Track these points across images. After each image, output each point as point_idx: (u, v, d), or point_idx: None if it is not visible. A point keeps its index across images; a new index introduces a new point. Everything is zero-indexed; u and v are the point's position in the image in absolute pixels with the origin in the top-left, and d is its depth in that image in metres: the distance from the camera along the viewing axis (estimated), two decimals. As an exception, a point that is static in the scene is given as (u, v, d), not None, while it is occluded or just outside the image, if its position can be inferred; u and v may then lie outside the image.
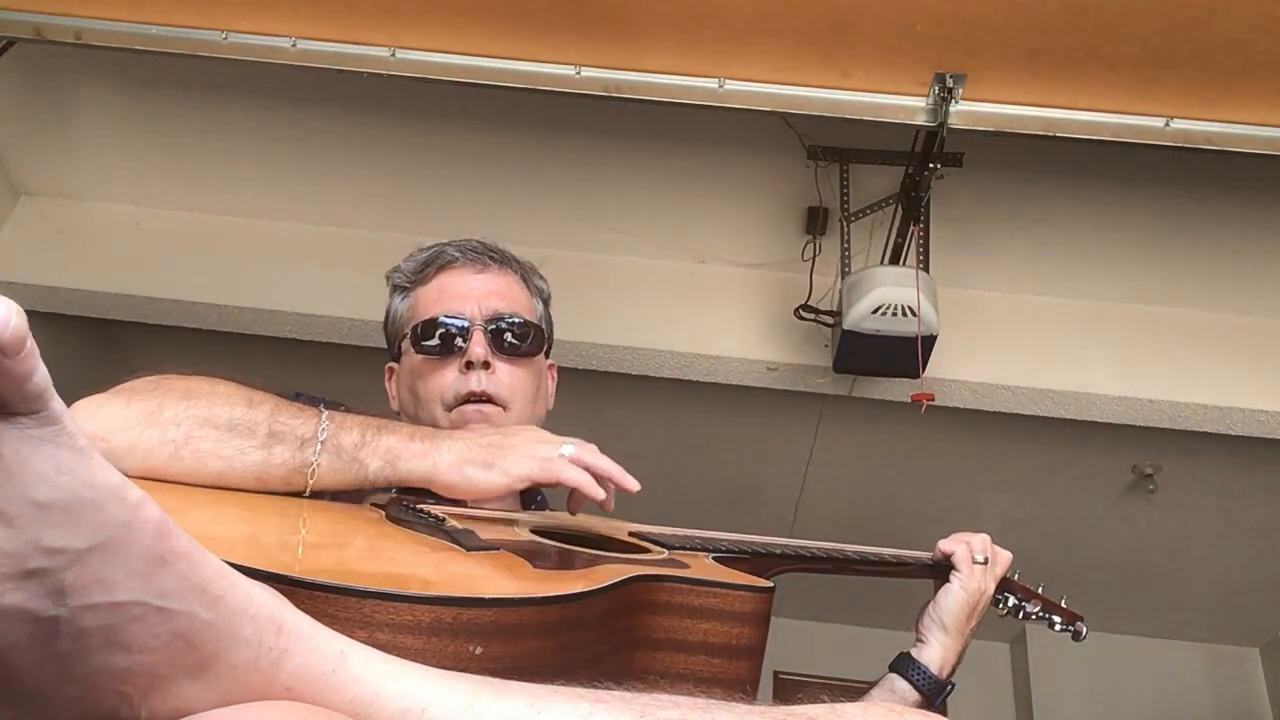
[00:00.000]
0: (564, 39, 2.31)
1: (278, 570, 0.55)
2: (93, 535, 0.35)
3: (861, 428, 3.65)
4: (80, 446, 0.35)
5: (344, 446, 0.90)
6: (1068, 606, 1.33)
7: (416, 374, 1.17)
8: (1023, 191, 2.91)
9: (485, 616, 0.59)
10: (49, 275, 3.15)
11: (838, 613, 4.74)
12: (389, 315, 1.28)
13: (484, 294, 1.19)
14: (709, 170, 2.98)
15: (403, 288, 1.26)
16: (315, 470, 0.88)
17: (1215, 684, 4.59)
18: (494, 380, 1.14)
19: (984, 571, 1.25)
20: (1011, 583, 1.34)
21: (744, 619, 0.79)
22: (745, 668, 0.79)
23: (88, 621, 0.35)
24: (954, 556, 1.24)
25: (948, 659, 1.21)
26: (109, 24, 2.41)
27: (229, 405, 0.88)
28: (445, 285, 1.21)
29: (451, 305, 1.17)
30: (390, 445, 0.92)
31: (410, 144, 3.03)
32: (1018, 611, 1.34)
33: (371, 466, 0.90)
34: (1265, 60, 2.11)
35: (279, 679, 0.42)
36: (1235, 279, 3.00)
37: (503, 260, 1.24)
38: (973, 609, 1.23)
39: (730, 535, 1.10)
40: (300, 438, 0.88)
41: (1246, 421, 2.96)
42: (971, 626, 1.23)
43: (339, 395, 1.09)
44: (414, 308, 1.22)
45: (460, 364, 1.14)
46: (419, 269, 1.24)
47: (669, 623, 0.78)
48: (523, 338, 1.18)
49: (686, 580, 0.79)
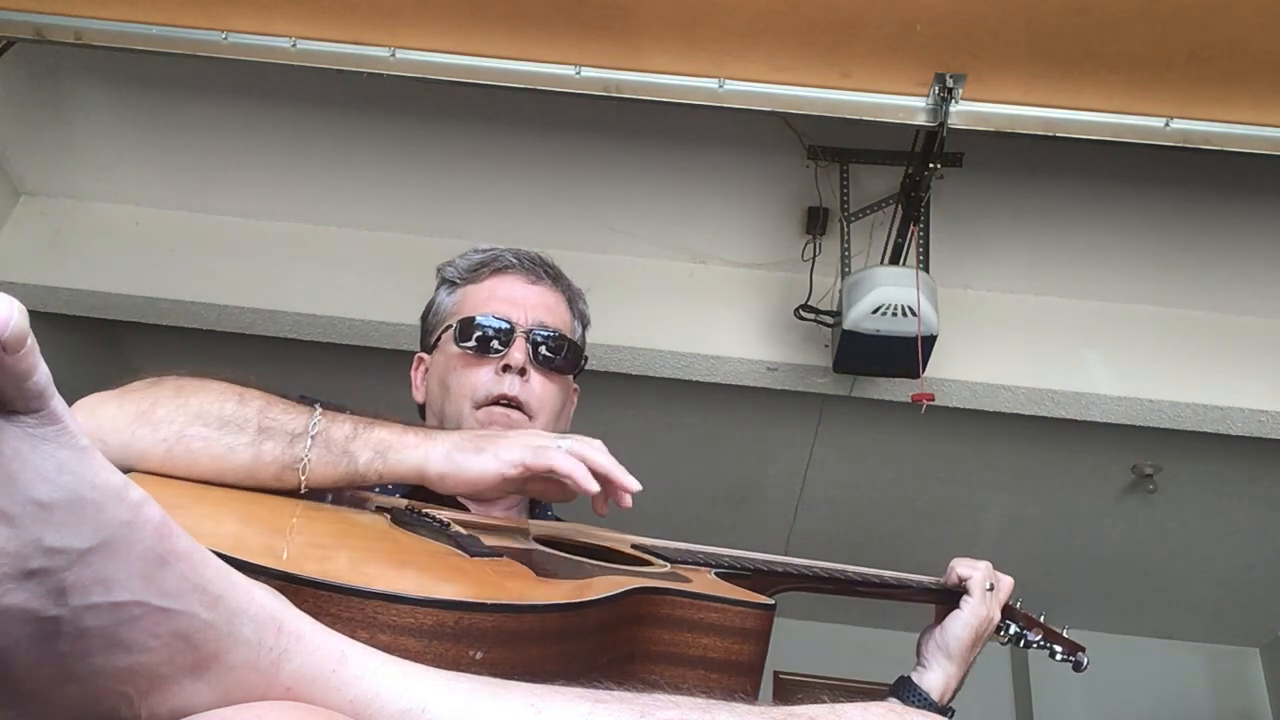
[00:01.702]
0: (564, 39, 2.31)
1: (282, 568, 0.55)
2: (94, 535, 0.35)
3: (861, 428, 3.65)
4: (82, 446, 0.35)
5: (334, 440, 0.89)
6: (1069, 637, 1.33)
7: (452, 368, 1.19)
8: (1023, 191, 2.91)
9: (486, 621, 0.59)
10: (49, 275, 3.15)
11: (838, 613, 4.74)
12: (431, 306, 1.30)
13: (532, 304, 1.22)
14: (709, 170, 2.98)
15: (452, 282, 1.28)
16: (306, 465, 0.87)
17: (1215, 684, 4.58)
18: (527, 388, 1.16)
19: (992, 598, 1.24)
20: (1014, 610, 1.32)
21: (744, 635, 0.79)
22: (744, 684, 0.79)
23: (88, 621, 0.35)
24: (970, 582, 1.22)
25: (949, 685, 1.20)
26: (109, 24, 2.41)
27: (219, 402, 0.87)
28: (497, 288, 1.23)
29: (500, 308, 1.20)
30: (382, 437, 0.91)
31: (410, 144, 3.03)
32: (1019, 640, 1.33)
33: (362, 458, 0.89)
34: (1265, 60, 2.11)
35: (279, 679, 0.42)
36: (1235, 279, 3.00)
37: (555, 278, 1.28)
38: (980, 636, 1.22)
39: (733, 551, 1.10)
40: (290, 433, 0.88)
41: (1246, 421, 2.96)
42: (975, 654, 1.22)
43: (339, 395, 1.09)
44: (461, 304, 1.25)
45: (498, 366, 1.16)
46: (474, 268, 1.26)
47: (669, 636, 0.78)
48: (561, 353, 1.20)
49: (687, 594, 0.79)
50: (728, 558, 1.05)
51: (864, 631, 4.73)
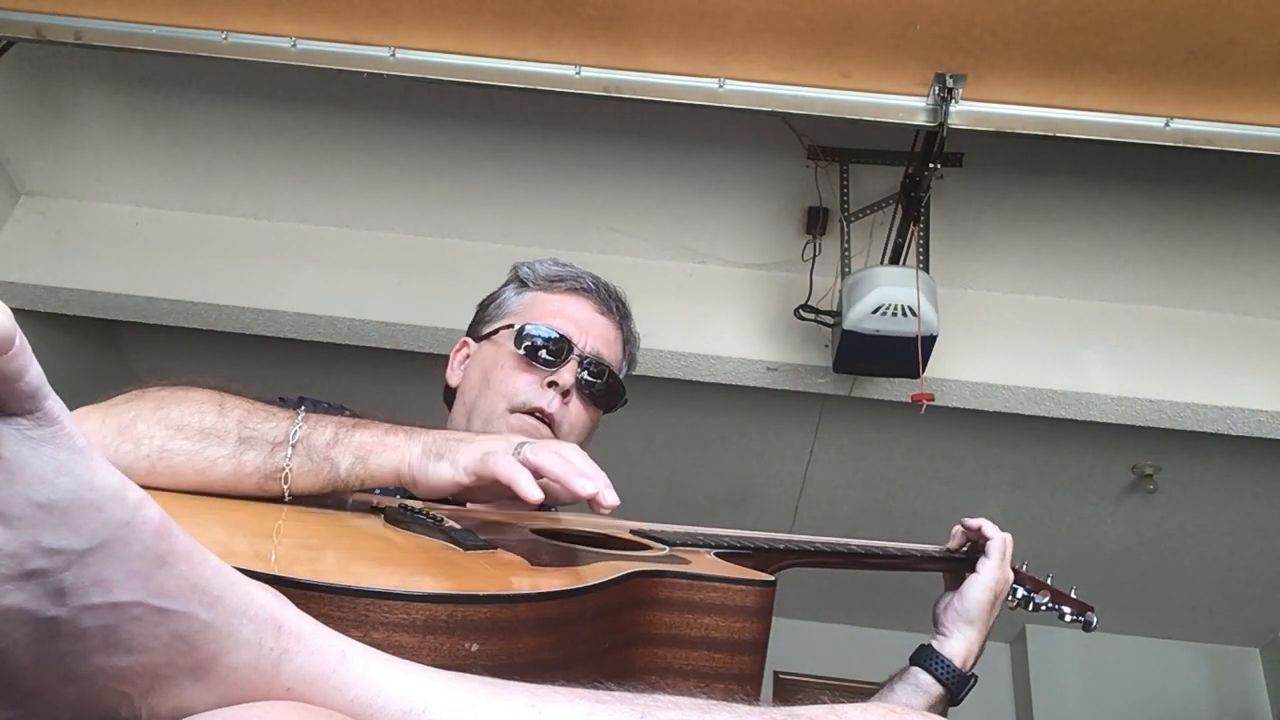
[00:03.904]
0: (564, 39, 2.31)
1: (270, 571, 0.55)
2: (93, 536, 0.35)
3: (861, 428, 3.65)
4: (80, 446, 0.35)
5: (316, 447, 0.87)
6: (1077, 597, 1.33)
7: (500, 364, 1.21)
8: (1023, 191, 2.91)
9: (480, 613, 0.59)
10: (49, 275, 3.15)
11: (838, 613, 4.74)
12: (496, 298, 1.32)
13: (595, 332, 1.25)
14: (709, 170, 2.98)
15: (525, 283, 1.30)
16: (288, 475, 0.85)
17: (1215, 684, 4.59)
18: (564, 409, 1.18)
19: (1008, 560, 1.26)
20: (1019, 574, 1.33)
21: (745, 613, 0.79)
22: (748, 662, 0.79)
23: (88, 622, 0.35)
24: (990, 544, 1.24)
25: (971, 651, 1.21)
26: (109, 24, 2.41)
27: (200, 413, 0.86)
28: (567, 305, 1.26)
29: (565, 326, 1.23)
30: (363, 440, 0.89)
31: (410, 144, 3.03)
32: (1027, 603, 1.33)
33: (343, 465, 0.87)
34: (1265, 60, 2.11)
35: (279, 679, 0.42)
36: (1235, 279, 3.00)
37: (623, 316, 1.33)
38: (998, 598, 1.24)
39: (733, 532, 1.10)
40: (270, 442, 0.86)
41: (1246, 421, 2.96)
42: (994, 617, 1.23)
43: (339, 396, 1.09)
44: (529, 306, 1.27)
45: (545, 379, 1.18)
46: (552, 278, 1.29)
47: (669, 618, 0.77)
48: (605, 387, 1.23)
49: (686, 575, 0.79)
50: (728, 538, 1.05)
51: (864, 631, 4.73)
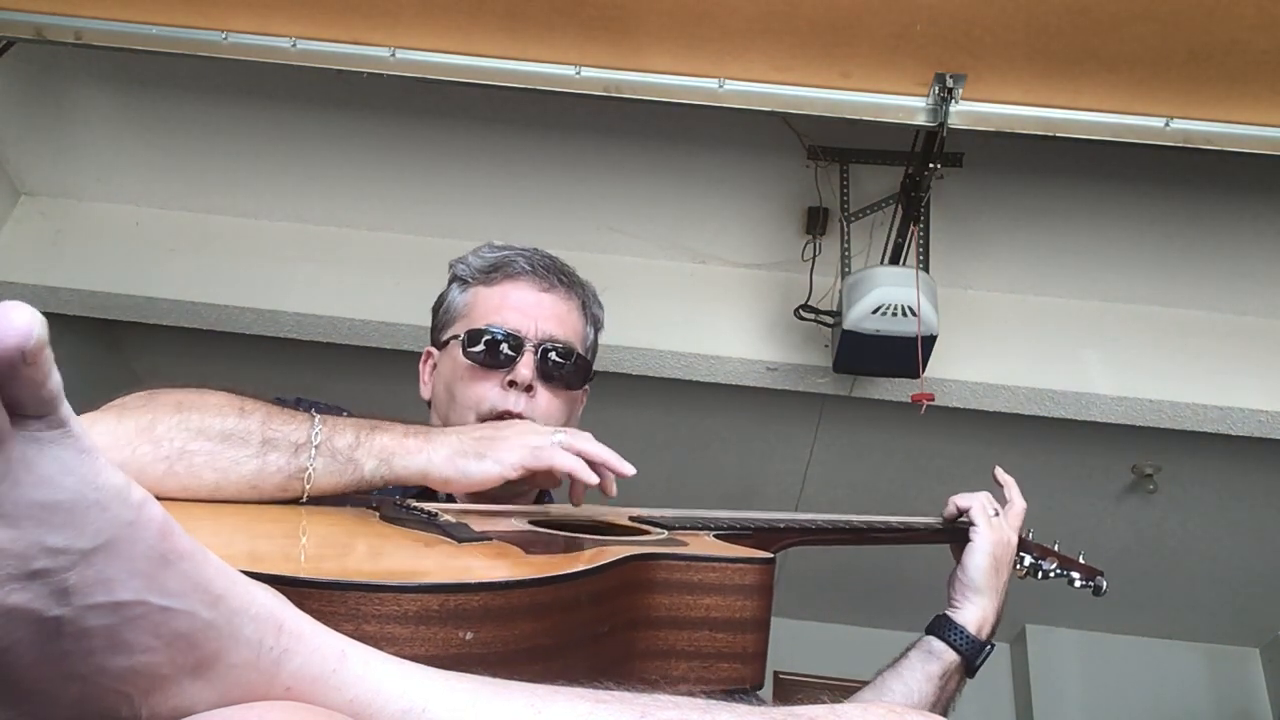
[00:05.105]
0: (564, 39, 2.31)
1: (260, 569, 0.55)
2: (97, 535, 0.35)
3: (861, 428, 3.65)
4: (85, 447, 0.35)
5: (338, 449, 0.90)
6: (1085, 562, 1.32)
7: (458, 376, 1.18)
8: (1023, 191, 2.91)
9: (473, 601, 0.59)
10: (49, 275, 3.15)
11: (838, 613, 4.74)
12: (443, 302, 1.27)
13: (543, 315, 1.19)
14: (709, 170, 2.98)
15: (464, 281, 1.25)
16: (311, 475, 0.88)
17: (1215, 684, 4.59)
18: (532, 405, 1.15)
19: (1001, 521, 1.25)
20: (1026, 542, 1.33)
21: (745, 591, 0.79)
22: (751, 640, 0.79)
23: (91, 621, 0.35)
24: (970, 511, 1.25)
25: (986, 618, 1.20)
26: (109, 24, 2.41)
27: (221, 416, 0.87)
28: (508, 295, 1.21)
29: (509, 318, 1.18)
30: (385, 444, 0.92)
31: (410, 144, 3.03)
32: (1035, 570, 1.33)
33: (367, 466, 0.90)
34: (1265, 60, 2.11)
35: (279, 679, 0.42)
36: (1235, 279, 3.00)
37: (569, 284, 1.25)
38: (1000, 560, 1.23)
39: (733, 513, 1.09)
40: (294, 443, 0.88)
41: (1246, 421, 2.96)
42: (1004, 581, 1.22)
43: (339, 396, 1.10)
44: (471, 307, 1.22)
45: (504, 380, 1.15)
46: (487, 269, 1.23)
47: (669, 600, 0.77)
48: (569, 368, 1.18)
49: (683, 557, 0.79)
50: (727, 520, 1.04)
51: (864, 631, 4.74)
